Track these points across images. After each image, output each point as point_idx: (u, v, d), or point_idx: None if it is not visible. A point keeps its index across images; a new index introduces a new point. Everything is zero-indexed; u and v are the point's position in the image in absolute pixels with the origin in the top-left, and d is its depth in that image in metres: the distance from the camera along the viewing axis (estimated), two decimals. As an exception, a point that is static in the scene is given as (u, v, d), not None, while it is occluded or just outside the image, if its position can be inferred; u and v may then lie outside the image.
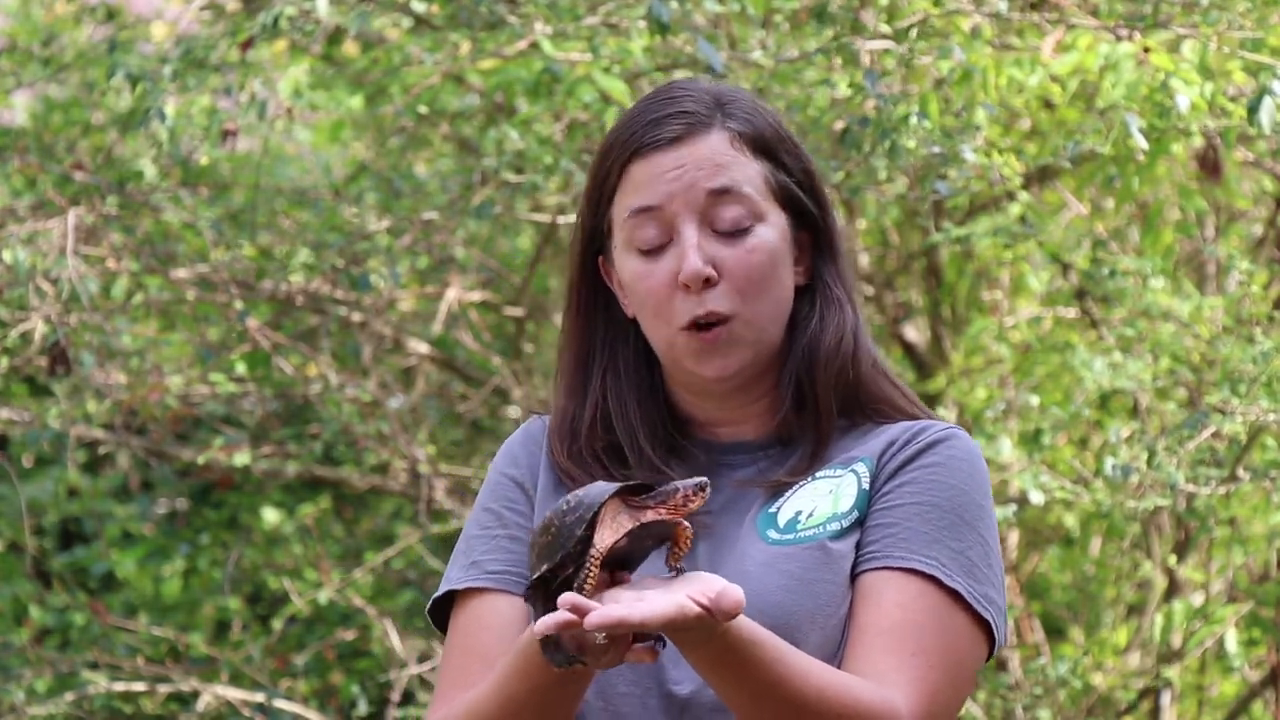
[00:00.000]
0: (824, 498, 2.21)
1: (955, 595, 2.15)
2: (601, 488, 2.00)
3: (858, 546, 2.19)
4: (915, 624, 2.14)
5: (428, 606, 2.29)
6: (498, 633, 2.22)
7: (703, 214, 2.21)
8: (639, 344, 2.30)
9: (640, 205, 2.22)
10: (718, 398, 2.27)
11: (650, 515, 2.00)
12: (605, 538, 1.98)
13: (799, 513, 2.21)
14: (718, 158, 2.22)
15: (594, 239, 2.30)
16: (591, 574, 1.97)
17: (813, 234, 2.29)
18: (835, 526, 2.19)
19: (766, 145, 2.25)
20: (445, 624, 2.29)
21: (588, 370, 2.30)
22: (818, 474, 2.23)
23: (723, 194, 2.21)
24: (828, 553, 2.18)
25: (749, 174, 2.23)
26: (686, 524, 2.01)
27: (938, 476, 2.20)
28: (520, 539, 2.26)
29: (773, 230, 2.23)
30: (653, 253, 2.22)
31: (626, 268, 2.25)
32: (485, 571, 2.25)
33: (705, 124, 2.23)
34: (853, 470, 2.23)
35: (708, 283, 2.20)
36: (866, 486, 2.21)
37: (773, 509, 2.22)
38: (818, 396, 2.25)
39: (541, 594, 2.01)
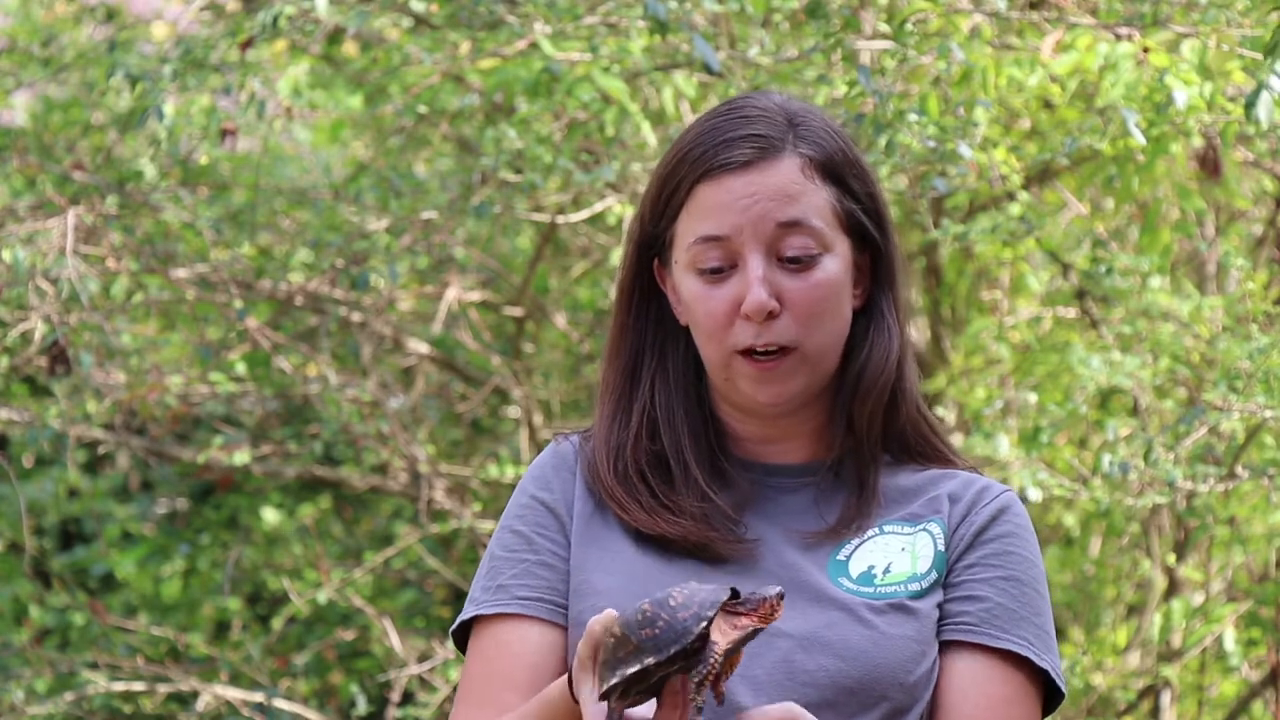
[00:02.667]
0: (899, 555, 2.22)
1: (1043, 673, 2.23)
2: (711, 591, 2.00)
3: (942, 611, 2.22)
4: (1015, 717, 2.21)
5: (451, 628, 2.27)
6: (524, 660, 2.21)
7: (770, 245, 2.20)
8: (689, 351, 2.28)
9: (707, 234, 2.20)
10: (766, 419, 2.26)
11: (745, 622, 2.01)
12: (722, 640, 2.00)
13: (872, 567, 2.22)
14: (789, 188, 2.20)
15: (651, 245, 2.28)
16: (713, 671, 1.99)
17: (872, 257, 2.28)
18: (915, 587, 2.21)
19: (836, 170, 2.24)
20: (468, 646, 2.28)
21: (637, 374, 2.29)
22: (885, 527, 2.23)
23: (792, 226, 2.20)
24: (910, 611, 2.20)
25: (818, 204, 2.22)
26: (742, 653, 2.04)
27: (1013, 548, 2.24)
28: (551, 565, 2.24)
29: (837, 261, 2.23)
30: (715, 278, 2.21)
31: (686, 287, 2.23)
32: (514, 597, 2.23)
33: (777, 148, 2.21)
34: (925, 530, 2.24)
35: (770, 315, 2.19)
36: (943, 549, 2.23)
37: (841, 556, 2.23)
38: (862, 423, 2.26)
39: (636, 687, 2.00)
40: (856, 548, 2.23)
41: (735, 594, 2.02)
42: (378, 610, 5.68)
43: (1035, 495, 4.29)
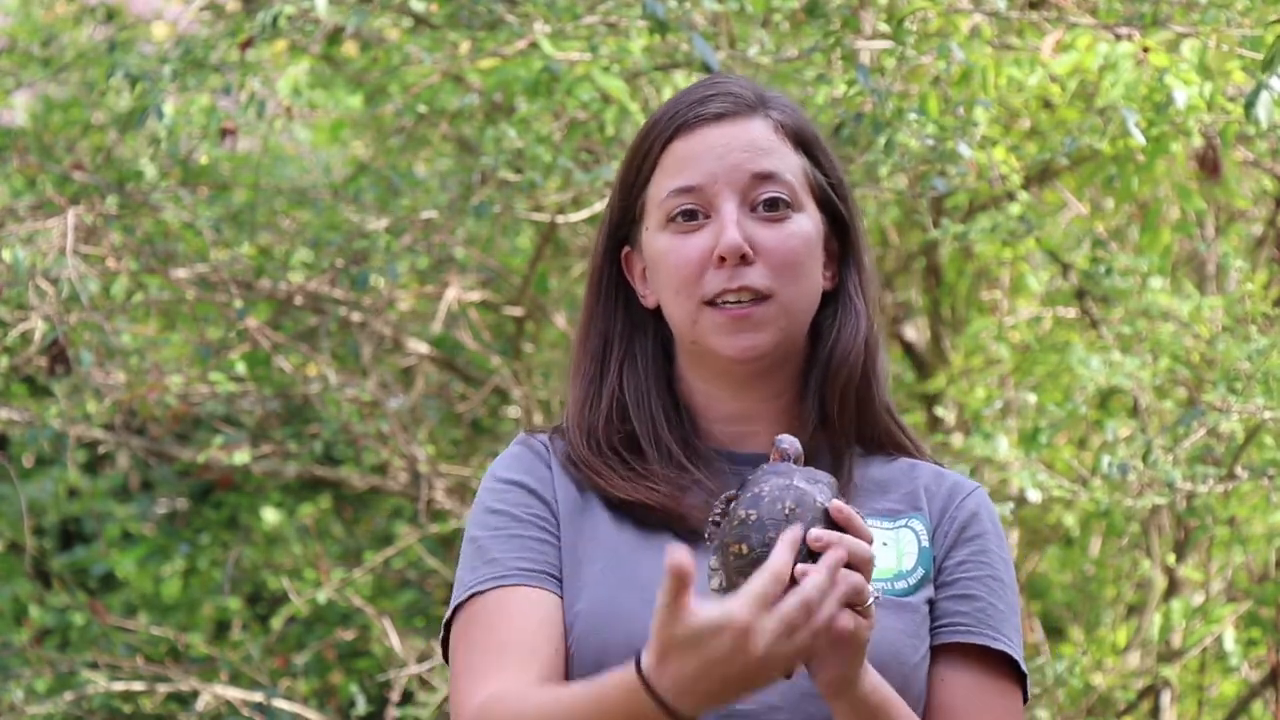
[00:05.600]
0: (882, 550, 2.22)
1: (1023, 676, 2.26)
2: (812, 487, 2.01)
3: (937, 608, 2.24)
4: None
5: (446, 616, 2.22)
6: (536, 621, 2.15)
7: (744, 194, 2.21)
8: (658, 338, 2.29)
9: (682, 185, 2.21)
10: (733, 386, 2.25)
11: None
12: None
13: None
14: (761, 142, 2.22)
15: (622, 226, 2.29)
16: None
17: (840, 242, 2.29)
18: (902, 585, 2.23)
19: (806, 141, 2.26)
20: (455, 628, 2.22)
21: (604, 361, 2.29)
22: (866, 519, 2.21)
23: (766, 178, 2.21)
24: (899, 607, 2.21)
25: (790, 164, 2.23)
26: None
27: (993, 546, 2.27)
28: (542, 539, 2.20)
29: (809, 221, 2.24)
30: (689, 226, 2.21)
31: (657, 245, 2.23)
32: (511, 568, 2.18)
33: (750, 108, 2.24)
34: (908, 526, 2.25)
35: (744, 260, 2.19)
36: (927, 544, 2.25)
37: None
38: (834, 404, 2.25)
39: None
40: None
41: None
42: (378, 610, 5.68)
43: (1035, 495, 4.29)
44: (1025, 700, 2.27)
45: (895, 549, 2.23)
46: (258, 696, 5.40)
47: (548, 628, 2.15)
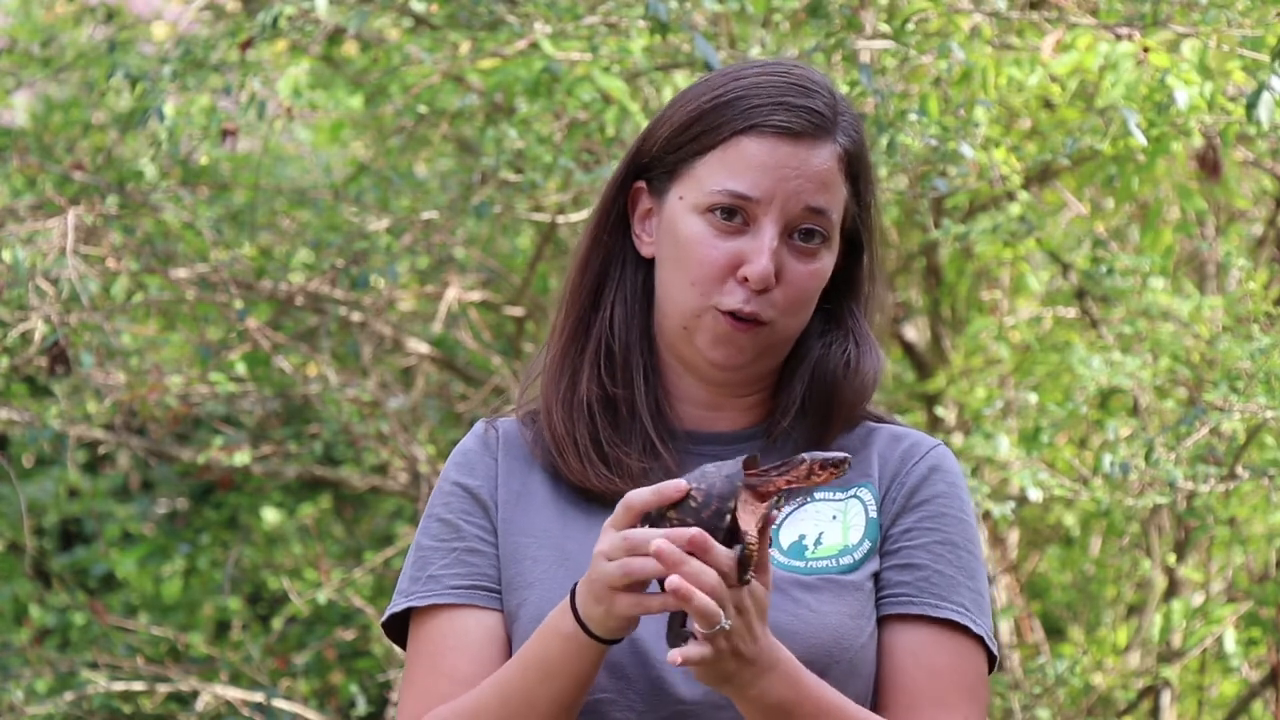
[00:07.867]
0: (830, 524, 2.21)
1: (978, 639, 2.22)
2: (728, 476, 2.00)
3: (880, 579, 2.21)
4: (960, 685, 2.21)
5: (382, 620, 2.27)
6: (465, 652, 2.20)
7: (789, 222, 2.20)
8: (647, 284, 2.27)
9: (737, 190, 2.19)
10: (702, 379, 2.25)
11: (777, 487, 2.01)
12: (751, 524, 2.00)
13: (803, 536, 2.21)
14: (825, 175, 2.21)
15: (650, 168, 2.26)
16: (751, 554, 1.99)
17: (848, 262, 2.28)
18: (848, 560, 2.20)
19: (857, 172, 2.25)
20: (399, 636, 2.27)
21: (600, 293, 2.28)
22: (816, 494, 2.22)
23: (817, 214, 2.20)
24: (843, 586, 2.19)
25: (839, 199, 2.22)
26: (775, 515, 2.04)
27: (947, 509, 2.24)
28: (479, 551, 2.23)
29: (832, 259, 2.24)
30: (723, 230, 2.20)
31: (687, 225, 2.21)
32: (446, 587, 2.22)
33: (826, 131, 2.21)
34: (856, 496, 2.23)
35: (763, 289, 2.19)
36: (875, 515, 2.23)
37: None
38: (822, 416, 2.25)
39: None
40: (788, 516, 2.22)
41: (754, 461, 2.02)
42: (378, 610, 5.68)
43: (1036, 495, 4.30)
44: (994, 664, 2.24)
45: (843, 523, 2.22)
46: (258, 696, 5.40)
47: (478, 655, 2.20)
